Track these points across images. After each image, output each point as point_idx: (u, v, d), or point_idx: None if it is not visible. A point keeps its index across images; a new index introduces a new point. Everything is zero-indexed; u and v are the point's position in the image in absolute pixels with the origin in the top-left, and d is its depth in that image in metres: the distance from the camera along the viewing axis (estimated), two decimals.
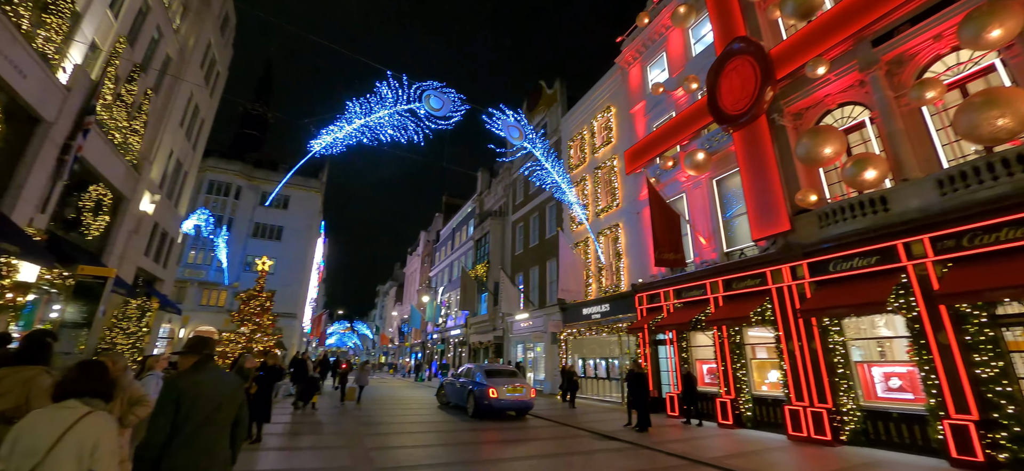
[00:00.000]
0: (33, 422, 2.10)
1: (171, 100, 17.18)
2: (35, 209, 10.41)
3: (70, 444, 2.04)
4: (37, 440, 2.02)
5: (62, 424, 2.08)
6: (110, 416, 2.34)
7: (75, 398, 2.23)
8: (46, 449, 2.00)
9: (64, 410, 2.16)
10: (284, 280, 35.01)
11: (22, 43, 8.92)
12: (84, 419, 2.13)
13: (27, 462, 1.97)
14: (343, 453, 7.95)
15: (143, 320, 17.94)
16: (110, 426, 2.24)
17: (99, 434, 2.14)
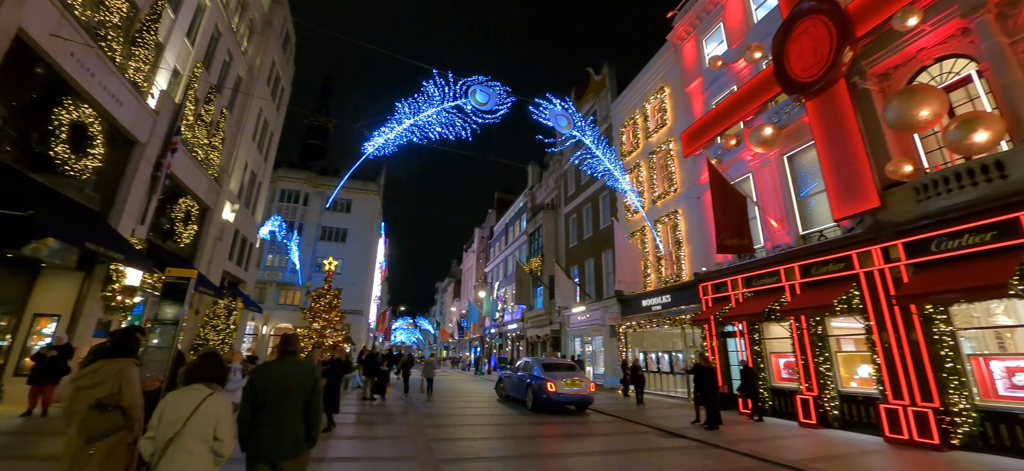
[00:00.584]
0: (173, 400, 2.71)
1: (244, 117, 18.67)
2: (136, 221, 11.72)
3: (200, 417, 2.64)
4: (177, 413, 2.63)
5: (193, 402, 2.68)
6: (225, 397, 2.89)
7: (199, 382, 2.84)
8: (183, 420, 2.60)
9: (194, 391, 2.76)
10: (350, 279, 37.12)
11: (117, 74, 10.03)
12: (208, 398, 2.72)
13: (171, 430, 2.58)
14: (406, 443, 8.14)
15: (230, 318, 19.77)
16: (226, 404, 2.81)
17: (220, 410, 2.73)
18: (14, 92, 7.98)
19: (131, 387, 3.37)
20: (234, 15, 17.24)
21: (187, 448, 2.57)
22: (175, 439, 2.55)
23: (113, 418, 3.23)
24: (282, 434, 3.11)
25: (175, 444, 2.55)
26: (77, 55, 8.71)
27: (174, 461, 2.54)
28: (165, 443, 2.55)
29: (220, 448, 2.69)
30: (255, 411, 3.11)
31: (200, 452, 2.62)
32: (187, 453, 2.57)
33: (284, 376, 3.24)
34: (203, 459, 2.63)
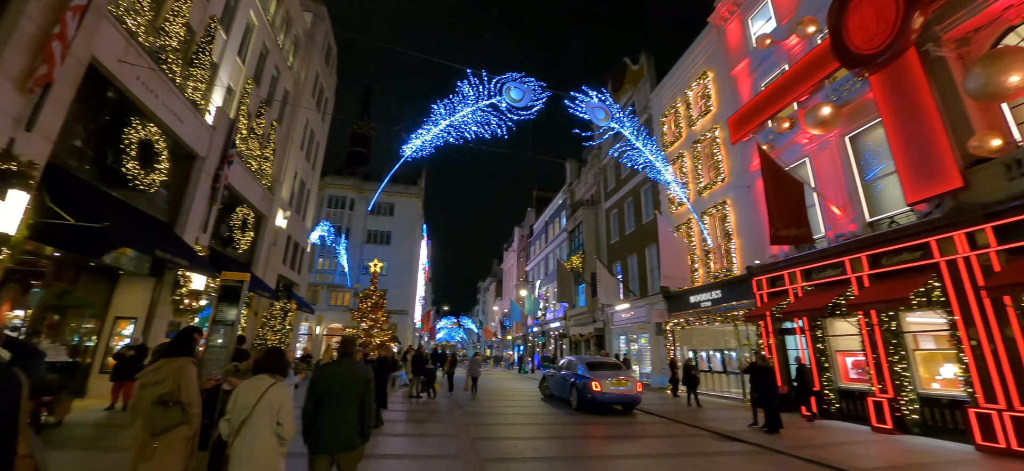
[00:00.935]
0: (244, 388, 3.17)
1: (292, 128, 19.64)
2: (199, 230, 12.57)
3: (266, 403, 3.08)
4: (247, 399, 3.08)
5: (260, 390, 3.12)
6: (286, 386, 3.36)
7: (264, 373, 3.28)
8: (252, 405, 3.04)
9: (260, 381, 3.20)
10: (395, 281, 38.26)
11: (178, 94, 10.80)
12: (272, 387, 3.15)
13: (242, 414, 3.04)
14: (451, 441, 8.15)
15: (286, 319, 20.88)
16: (287, 392, 3.25)
17: (282, 398, 3.16)
18: (90, 115, 8.76)
19: (189, 384, 3.52)
20: (279, 32, 18.17)
21: (256, 430, 3.01)
22: (246, 422, 3.00)
23: (173, 413, 3.38)
24: (339, 428, 3.43)
25: (246, 426, 3.00)
26: (142, 78, 9.44)
27: (245, 441, 2.98)
28: (239, 425, 3.01)
29: (281, 431, 3.07)
30: (317, 406, 3.46)
31: (266, 434, 3.03)
32: (256, 434, 3.00)
33: (342, 375, 3.57)
34: (269, 441, 3.03)
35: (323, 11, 22.66)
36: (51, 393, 7.11)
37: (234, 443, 2.99)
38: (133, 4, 9.14)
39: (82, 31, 7.50)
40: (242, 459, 2.96)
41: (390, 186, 41.69)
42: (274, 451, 3.05)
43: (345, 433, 3.43)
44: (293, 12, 19.26)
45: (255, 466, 2.98)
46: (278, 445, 3.08)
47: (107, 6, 8.26)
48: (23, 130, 6.81)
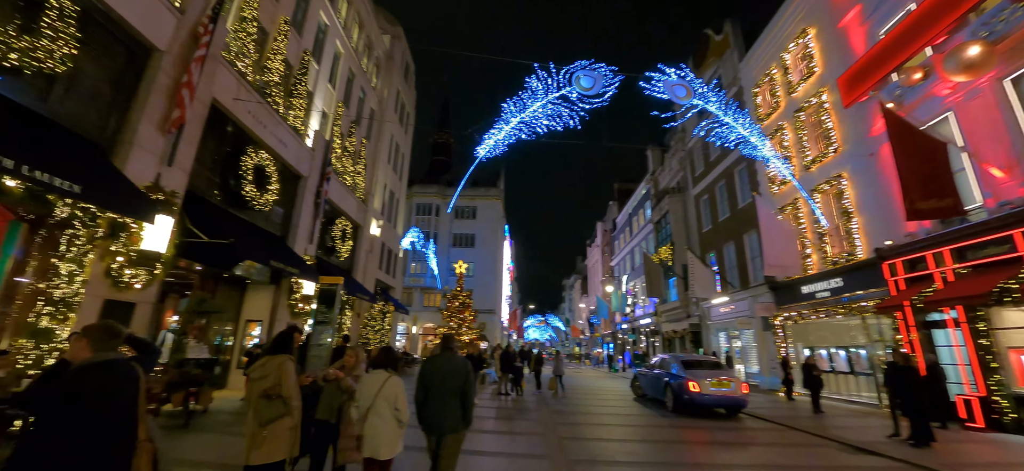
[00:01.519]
0: (366, 380, 3.86)
1: (379, 144, 21.20)
2: (306, 241, 14.07)
3: (384, 392, 3.72)
4: (370, 390, 3.75)
5: (379, 382, 3.77)
6: (400, 378, 3.91)
7: (380, 368, 3.92)
8: (374, 395, 3.71)
9: (378, 374, 3.84)
10: (481, 281, 39.49)
11: (282, 122, 12.19)
12: (389, 379, 3.79)
13: (367, 402, 3.70)
14: (538, 440, 8.03)
15: (385, 320, 22.61)
16: (401, 383, 3.84)
17: (397, 388, 3.78)
18: (215, 148, 10.24)
19: (287, 380, 3.77)
20: (362, 57, 19.72)
21: (379, 414, 3.68)
22: (371, 408, 3.67)
23: (276, 406, 3.66)
24: (444, 413, 3.93)
25: (371, 412, 3.68)
26: (252, 112, 10.80)
27: (372, 424, 3.67)
28: (366, 410, 3.69)
29: (399, 416, 3.73)
30: (425, 393, 4.02)
31: (387, 417, 3.70)
32: (379, 418, 3.68)
33: (445, 367, 4.07)
34: (390, 422, 3.70)
35: (400, 31, 24.16)
36: (197, 385, 8.39)
37: (364, 425, 3.72)
38: (241, 49, 10.50)
39: (203, 77, 8.77)
40: (371, 437, 3.69)
41: (470, 189, 43.25)
42: (394, 430, 3.73)
43: (450, 418, 3.93)
44: (373, 36, 20.80)
45: (380, 442, 3.68)
46: (397, 426, 3.74)
47: (221, 53, 9.58)
48: (166, 165, 8.14)
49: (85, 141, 6.98)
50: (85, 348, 2.52)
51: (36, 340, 6.26)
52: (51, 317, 6.43)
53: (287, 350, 4.06)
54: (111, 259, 7.21)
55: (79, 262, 6.73)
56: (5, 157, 4.83)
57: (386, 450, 3.69)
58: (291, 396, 3.76)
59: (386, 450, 3.69)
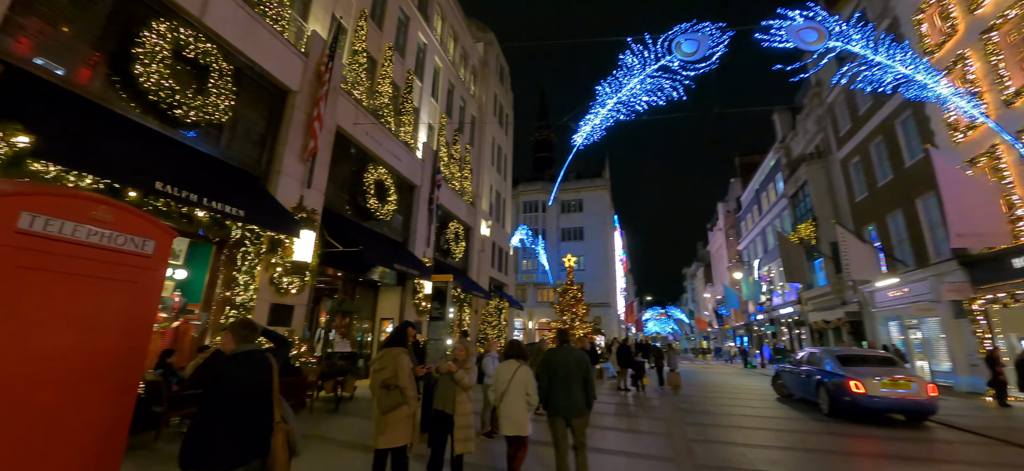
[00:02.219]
0: (500, 370, 4.51)
1: (482, 148, 22.14)
2: (424, 245, 15.32)
3: (517, 380, 4.32)
4: (504, 377, 4.38)
5: (511, 371, 4.38)
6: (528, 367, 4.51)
7: (512, 359, 4.54)
8: (508, 381, 4.33)
9: (510, 364, 4.47)
10: (592, 275, 38.75)
11: (394, 139, 13.46)
12: (520, 368, 4.40)
13: (502, 387, 4.34)
14: (663, 441, 7.44)
15: (501, 316, 23.56)
16: (530, 372, 4.41)
17: (527, 376, 4.35)
18: (343, 169, 11.73)
19: (402, 371, 4.03)
20: (459, 67, 20.80)
21: (513, 398, 4.28)
22: (506, 393, 4.28)
23: (394, 395, 3.96)
24: (570, 398, 4.38)
25: (506, 396, 4.29)
26: (369, 132, 12.12)
27: (507, 405, 4.30)
28: (501, 395, 4.32)
29: (530, 400, 4.30)
30: (551, 381, 4.47)
31: (520, 401, 4.28)
32: (513, 401, 4.28)
33: (567, 357, 4.54)
34: (521, 405, 4.30)
35: (491, 37, 24.92)
36: (342, 375, 9.69)
37: (500, 407, 4.35)
38: (356, 78, 11.86)
39: (328, 109, 10.10)
40: (505, 416, 4.32)
41: (575, 182, 42.68)
42: (525, 412, 4.32)
43: (575, 402, 4.39)
44: (467, 46, 21.81)
45: (514, 422, 4.29)
46: (527, 409, 4.32)
47: (340, 85, 10.94)
48: (306, 187, 9.57)
49: (247, 174, 8.56)
50: (230, 341, 2.99)
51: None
52: (236, 318, 8.02)
53: (402, 344, 4.34)
54: (273, 270, 8.71)
55: (251, 273, 8.27)
56: (192, 192, 6.14)
57: (520, 428, 4.31)
58: (406, 386, 3.99)
59: (520, 428, 4.31)
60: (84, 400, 2.49)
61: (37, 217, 2.35)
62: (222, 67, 7.72)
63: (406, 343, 4.50)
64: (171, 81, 6.86)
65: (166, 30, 6.83)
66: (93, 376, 2.53)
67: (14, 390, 2.23)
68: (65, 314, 2.45)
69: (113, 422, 2.61)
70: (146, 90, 6.62)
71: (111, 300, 2.65)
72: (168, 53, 6.86)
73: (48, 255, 2.38)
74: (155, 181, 5.70)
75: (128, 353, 2.69)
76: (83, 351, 2.51)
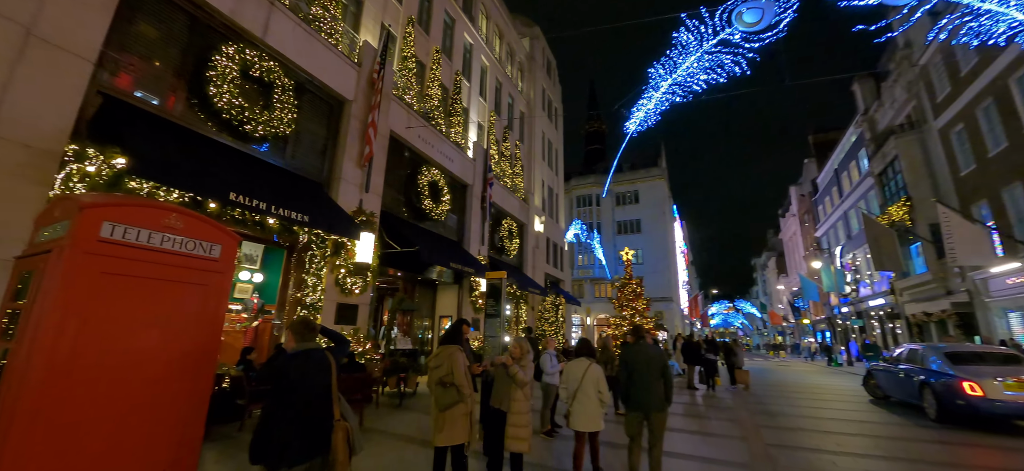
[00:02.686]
0: (571, 367, 4.65)
1: (532, 143, 21.96)
2: (479, 243, 15.47)
3: (589, 378, 4.47)
4: (576, 374, 4.53)
5: (583, 369, 4.51)
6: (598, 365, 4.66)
7: (582, 357, 4.65)
8: (579, 379, 4.47)
9: (581, 361, 4.60)
10: (652, 268, 37.25)
11: (445, 140, 13.68)
12: (590, 366, 4.52)
13: (574, 385, 4.50)
14: (738, 445, 6.81)
15: (558, 312, 23.30)
16: (601, 370, 4.60)
17: (598, 374, 4.51)
18: (398, 172, 12.10)
19: (457, 369, 3.97)
20: (506, 65, 20.74)
21: (586, 394, 4.43)
22: (578, 390, 4.42)
23: (450, 393, 3.94)
24: (648, 393, 4.39)
25: (579, 392, 4.43)
26: (421, 135, 12.40)
27: (580, 401, 4.43)
28: (574, 391, 4.46)
29: (602, 396, 4.47)
30: (628, 377, 4.51)
31: (593, 397, 4.44)
32: (586, 398, 4.43)
33: (643, 353, 4.55)
34: (594, 401, 4.45)
35: (537, 31, 24.62)
36: (405, 371, 10.00)
37: (572, 404, 4.49)
38: (406, 84, 12.18)
39: (381, 115, 10.44)
40: (578, 413, 4.44)
41: (630, 173, 41.19)
42: (597, 409, 4.47)
43: (654, 398, 4.40)
44: (513, 43, 21.70)
45: (586, 417, 4.43)
46: (600, 405, 4.48)
47: (392, 91, 11.27)
48: (364, 192, 9.96)
49: (311, 182, 9.06)
50: (292, 340, 3.08)
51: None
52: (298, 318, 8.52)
53: (457, 341, 4.29)
54: (337, 271, 9.16)
55: (318, 275, 8.75)
56: (261, 201, 6.56)
57: (592, 424, 4.47)
58: (462, 384, 3.94)
59: (592, 424, 4.47)
60: (164, 393, 2.66)
61: (117, 226, 2.54)
62: (284, 83, 8.20)
63: (461, 340, 4.42)
64: (240, 99, 7.39)
65: (234, 52, 7.37)
66: (173, 372, 2.71)
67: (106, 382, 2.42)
68: (145, 315, 2.64)
69: (191, 413, 2.79)
70: (219, 109, 7.18)
71: (184, 301, 2.83)
72: (236, 73, 7.39)
73: (127, 261, 2.57)
74: (229, 192, 6.15)
75: (201, 350, 2.86)
76: (162, 348, 2.69)
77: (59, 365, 2.27)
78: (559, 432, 6.98)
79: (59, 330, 2.28)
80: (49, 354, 2.24)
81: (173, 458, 2.67)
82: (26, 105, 5.08)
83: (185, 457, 2.73)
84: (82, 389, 2.34)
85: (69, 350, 2.31)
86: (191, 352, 2.81)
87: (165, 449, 2.64)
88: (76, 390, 2.31)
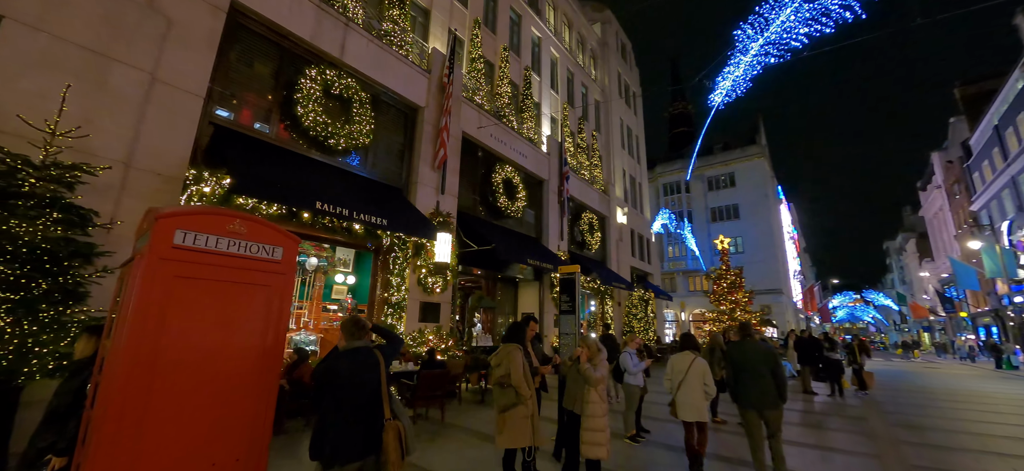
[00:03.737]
0: (675, 361, 4.82)
1: (610, 132, 20.93)
2: (558, 238, 15.10)
3: (695, 371, 4.62)
4: (680, 367, 4.70)
5: (687, 362, 4.67)
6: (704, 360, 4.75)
7: (686, 350, 4.82)
8: (684, 371, 4.64)
9: (686, 355, 4.76)
10: (754, 257, 33.53)
11: (518, 137, 13.54)
12: (695, 359, 4.67)
13: (678, 377, 4.69)
14: (870, 467, 5.57)
15: (648, 307, 21.98)
16: (705, 364, 4.70)
17: (703, 367, 4.64)
18: (473, 173, 12.24)
19: (516, 369, 3.70)
20: (577, 53, 19.99)
21: (691, 386, 4.56)
22: (683, 382, 4.57)
23: (508, 394, 3.71)
24: (761, 390, 4.34)
25: (684, 384, 4.58)
26: (493, 134, 12.40)
27: (684, 393, 4.59)
28: (678, 384, 4.62)
29: (708, 390, 4.59)
30: (736, 375, 4.52)
31: (697, 389, 4.56)
32: (690, 389, 4.56)
33: (751, 351, 4.50)
34: (699, 393, 4.57)
35: (609, 15, 23.37)
36: (486, 368, 10.04)
37: (677, 394, 4.64)
38: (476, 84, 12.27)
39: (453, 117, 10.61)
40: (683, 404, 4.59)
41: (722, 154, 37.44)
42: (703, 400, 4.57)
43: (767, 395, 4.33)
44: (583, 30, 20.85)
45: (691, 408, 4.56)
46: (705, 397, 4.58)
47: (462, 94, 11.42)
48: (440, 194, 10.21)
49: (390, 187, 9.49)
50: (342, 339, 3.06)
51: None
52: (392, 316, 8.93)
53: (519, 339, 4.00)
54: (419, 271, 9.48)
55: (401, 275, 9.13)
56: (345, 208, 6.97)
57: (697, 414, 4.56)
58: (520, 384, 3.66)
59: (697, 414, 4.56)
60: (235, 388, 2.80)
61: (189, 233, 2.72)
62: (361, 97, 8.69)
63: (523, 339, 4.07)
64: (324, 116, 7.97)
65: (316, 73, 7.96)
66: (242, 368, 2.84)
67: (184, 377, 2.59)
68: (216, 315, 2.80)
69: (260, 408, 2.89)
70: (307, 127, 7.80)
71: (250, 301, 2.96)
72: (319, 92, 7.98)
73: (198, 265, 2.74)
74: (316, 201, 6.62)
75: (267, 348, 2.97)
76: (232, 346, 2.83)
77: (142, 360, 2.47)
78: (646, 437, 6.37)
79: (141, 329, 2.48)
80: (134, 350, 2.44)
81: (245, 452, 2.78)
82: (155, 140, 5.93)
83: (256, 450, 2.84)
84: (162, 383, 2.53)
85: (151, 347, 2.51)
86: (258, 349, 2.93)
87: (237, 443, 2.76)
88: (156, 384, 2.50)
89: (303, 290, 9.40)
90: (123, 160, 5.65)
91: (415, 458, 5.05)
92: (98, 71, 5.53)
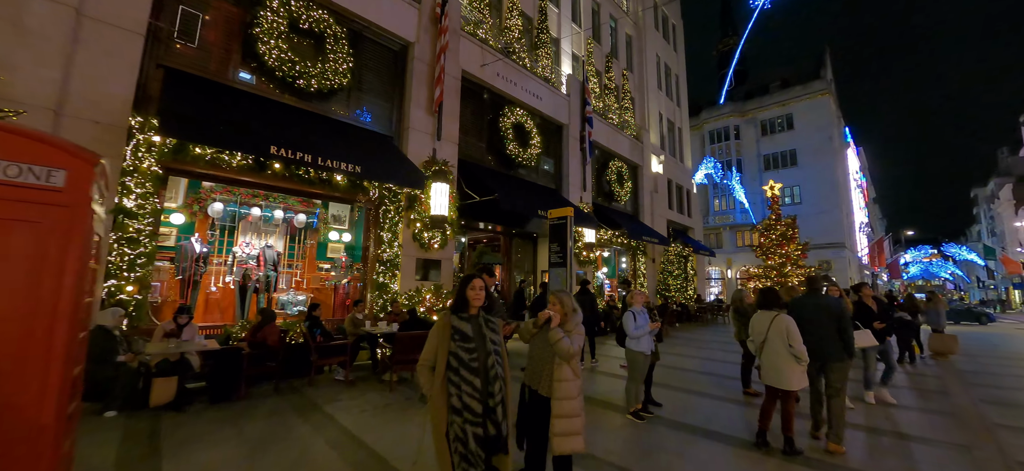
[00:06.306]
0: (757, 319, 4.24)
1: (644, 71, 18.43)
2: (580, 189, 13.55)
3: (776, 330, 4.01)
4: (761, 327, 4.14)
5: (768, 320, 4.09)
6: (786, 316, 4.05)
7: (765, 308, 4.23)
8: (765, 330, 4.08)
9: (767, 313, 4.15)
10: (814, 208, 29.74)
11: (531, 76, 11.88)
12: (777, 317, 4.04)
13: (759, 337, 4.14)
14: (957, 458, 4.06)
15: (686, 264, 20.04)
16: (790, 320, 3.99)
17: (786, 325, 3.96)
18: (478, 117, 10.90)
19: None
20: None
21: (773, 347, 4.00)
22: (765, 342, 4.04)
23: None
24: (825, 342, 4.14)
25: (766, 344, 4.05)
26: (501, 73, 10.88)
27: (767, 354, 4.06)
28: (760, 343, 4.10)
29: (794, 351, 3.85)
30: (804, 327, 4.01)
31: (781, 350, 3.94)
32: (773, 350, 4.00)
33: (814, 306, 4.28)
34: (783, 356, 3.92)
35: None
36: None
37: (761, 356, 4.15)
38: (478, 18, 10.67)
39: (449, 54, 9.23)
40: (767, 366, 4.07)
41: (780, 93, 32.82)
42: (789, 363, 3.89)
43: (833, 347, 4.13)
44: None
45: (774, 372, 3.99)
46: (796, 362, 3.86)
47: (461, 27, 9.94)
48: (436, 140, 9.04)
49: (379, 135, 8.45)
50: None
51: (378, 292, 8.06)
52: (384, 274, 8.12)
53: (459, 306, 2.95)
54: (413, 226, 8.53)
55: (393, 230, 8.22)
56: (306, 153, 6.03)
57: (781, 380, 3.93)
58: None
59: (781, 380, 3.93)
60: None
61: None
62: (335, 31, 7.55)
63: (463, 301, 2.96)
64: (290, 54, 6.95)
65: (278, 5, 6.90)
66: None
67: None
68: None
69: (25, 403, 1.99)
70: (272, 68, 6.85)
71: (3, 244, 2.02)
72: (284, 27, 6.94)
73: None
74: (269, 146, 5.73)
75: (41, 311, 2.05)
76: None
77: None
78: (656, 412, 5.17)
79: None
80: None
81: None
82: (89, 84, 5.21)
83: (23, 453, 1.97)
84: None
85: None
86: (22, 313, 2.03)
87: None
88: None
89: (293, 248, 8.82)
90: (51, 107, 4.99)
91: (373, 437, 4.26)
92: (10, 7, 4.81)
